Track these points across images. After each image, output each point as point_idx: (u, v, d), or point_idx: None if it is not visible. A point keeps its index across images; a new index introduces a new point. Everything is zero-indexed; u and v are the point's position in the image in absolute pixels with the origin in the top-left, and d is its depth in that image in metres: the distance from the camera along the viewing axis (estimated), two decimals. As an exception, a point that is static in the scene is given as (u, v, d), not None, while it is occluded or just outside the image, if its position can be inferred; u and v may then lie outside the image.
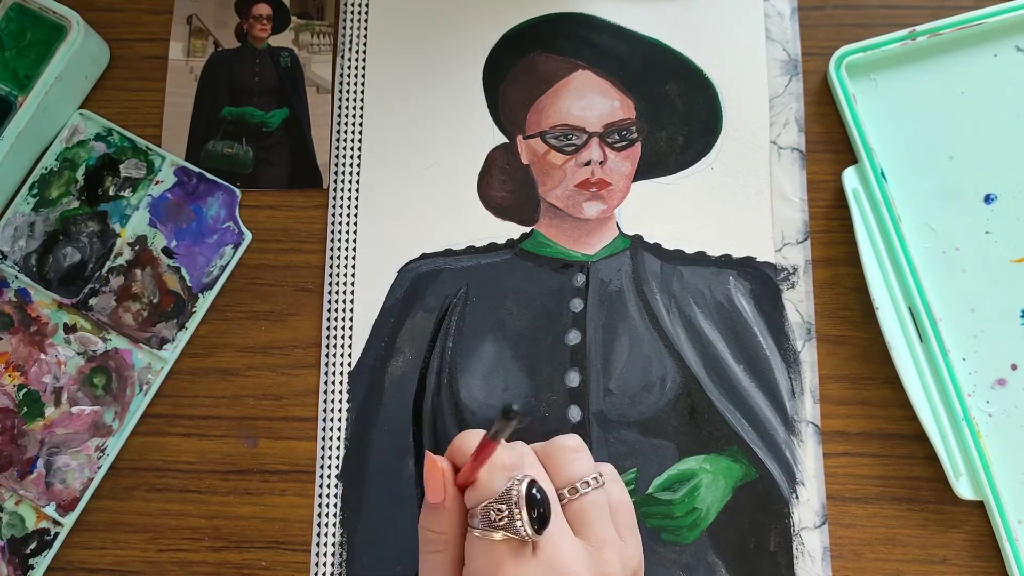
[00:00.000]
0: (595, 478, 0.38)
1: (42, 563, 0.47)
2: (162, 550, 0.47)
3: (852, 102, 0.49)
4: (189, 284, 0.49)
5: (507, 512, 0.34)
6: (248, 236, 0.50)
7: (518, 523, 0.34)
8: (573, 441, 0.39)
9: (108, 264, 0.50)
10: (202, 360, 0.49)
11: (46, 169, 0.51)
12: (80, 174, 0.51)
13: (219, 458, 0.48)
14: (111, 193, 0.51)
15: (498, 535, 0.34)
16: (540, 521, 0.34)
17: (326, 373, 0.49)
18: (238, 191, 0.50)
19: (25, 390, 0.49)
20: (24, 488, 0.47)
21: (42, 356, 0.49)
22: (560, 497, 0.37)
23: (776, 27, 0.52)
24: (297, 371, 0.49)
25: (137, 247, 0.50)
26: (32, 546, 0.47)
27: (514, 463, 0.37)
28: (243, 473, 0.48)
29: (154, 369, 0.49)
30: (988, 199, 0.49)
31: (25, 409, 0.48)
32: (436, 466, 0.37)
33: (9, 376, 0.49)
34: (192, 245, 0.50)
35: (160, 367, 0.49)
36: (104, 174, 0.51)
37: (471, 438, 0.37)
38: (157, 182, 0.51)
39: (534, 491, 0.35)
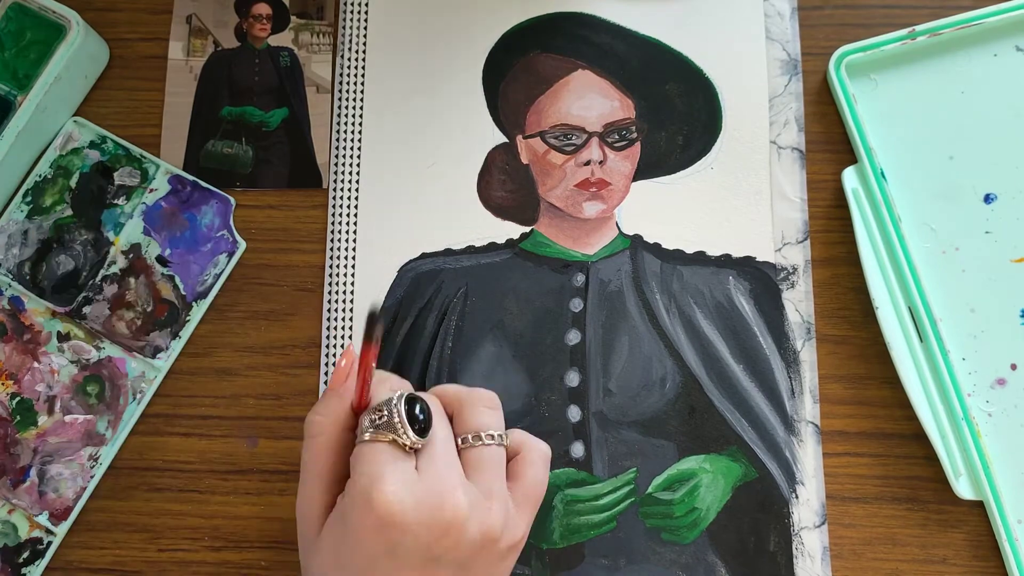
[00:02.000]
0: (500, 435, 0.39)
1: (35, 572, 0.47)
2: (162, 550, 0.47)
3: (852, 102, 0.49)
4: (183, 292, 0.49)
5: (386, 414, 0.36)
6: (243, 245, 0.50)
7: (396, 422, 0.35)
8: (489, 397, 0.40)
9: (102, 272, 0.50)
10: (201, 360, 0.49)
11: (40, 176, 0.51)
12: (74, 182, 0.51)
13: (219, 458, 0.48)
14: (105, 201, 0.50)
15: (381, 436, 0.35)
16: (420, 430, 0.36)
17: (326, 373, 0.49)
18: (232, 200, 0.50)
19: (18, 398, 0.49)
20: (17, 497, 0.47)
21: (35, 364, 0.49)
22: (462, 441, 0.38)
23: (776, 27, 0.52)
24: (297, 371, 0.49)
25: (131, 255, 0.50)
26: (25, 555, 0.47)
27: (402, 384, 0.39)
28: (243, 473, 0.48)
29: (148, 378, 0.49)
30: (988, 199, 0.49)
31: (18, 418, 0.48)
32: (350, 356, 0.39)
33: (2, 384, 0.49)
34: (186, 253, 0.50)
35: (154, 376, 0.49)
36: (98, 182, 0.51)
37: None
38: (151, 190, 0.51)
39: (416, 407, 0.36)
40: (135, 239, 0.50)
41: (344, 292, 0.49)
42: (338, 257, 0.50)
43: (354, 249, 0.50)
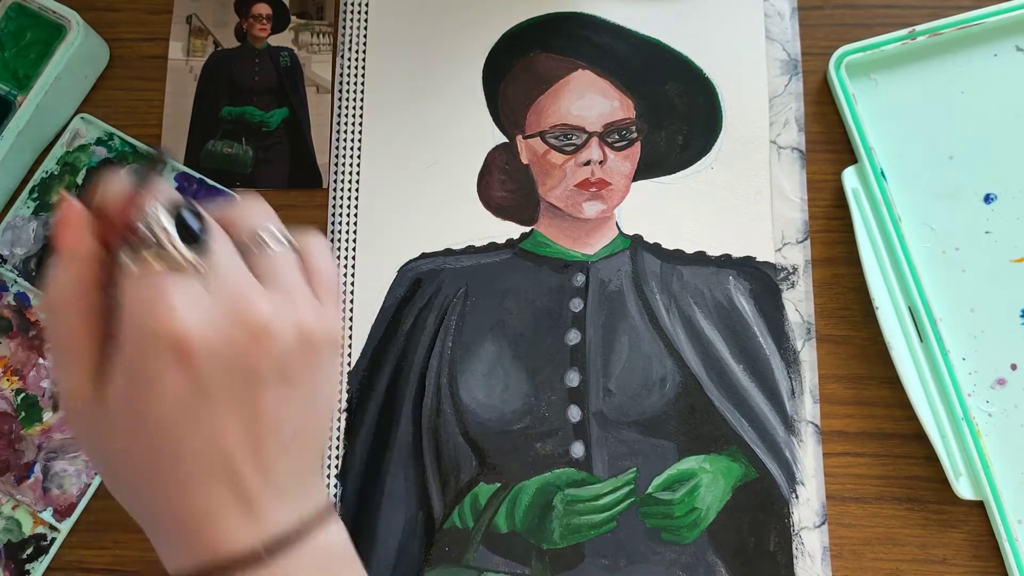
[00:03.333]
0: (284, 234, 0.33)
1: (39, 568, 0.47)
2: (162, 550, 0.47)
3: (852, 102, 0.49)
4: (188, 286, 0.49)
5: (149, 231, 0.29)
6: (248, 238, 0.50)
7: (163, 237, 0.28)
8: (257, 201, 0.34)
9: (108, 266, 0.50)
10: (202, 360, 0.49)
11: (47, 173, 0.51)
12: (80, 178, 0.51)
13: (219, 458, 0.48)
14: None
15: (150, 261, 0.28)
16: (191, 237, 0.29)
17: (326, 373, 0.48)
18: (239, 198, 0.50)
19: (23, 395, 0.49)
20: (21, 493, 0.47)
21: (40, 360, 0.49)
22: (243, 248, 0.32)
23: (776, 27, 0.52)
24: (297, 371, 0.49)
25: (137, 250, 0.50)
26: (29, 551, 0.47)
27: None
28: (243, 473, 0.48)
29: (153, 371, 0.49)
30: (988, 199, 0.49)
31: (23, 414, 0.48)
32: (72, 207, 0.30)
33: (7, 380, 0.49)
34: (191, 248, 0.50)
35: (159, 369, 0.49)
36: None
37: (118, 183, 0.31)
38: (157, 184, 0.51)
39: (185, 213, 0.29)
40: (139, 237, 0.50)
41: (344, 292, 0.49)
42: (338, 257, 0.50)
43: (354, 249, 0.50)
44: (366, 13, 0.53)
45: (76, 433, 0.32)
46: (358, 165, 0.51)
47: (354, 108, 0.52)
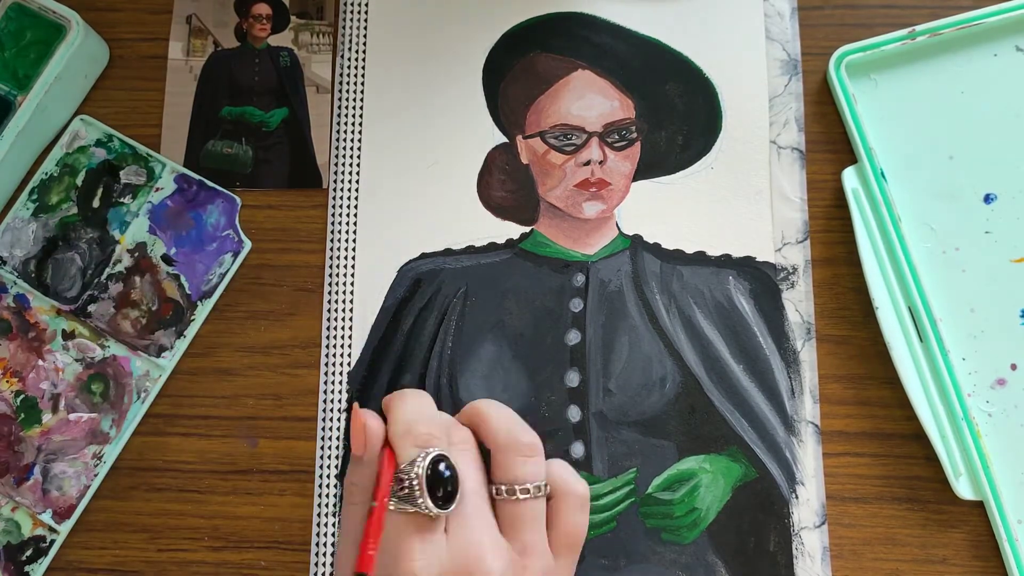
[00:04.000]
0: (539, 487, 0.37)
1: (38, 570, 0.47)
2: (162, 550, 0.47)
3: (852, 102, 0.49)
4: (188, 292, 0.49)
5: (407, 484, 0.35)
6: (248, 244, 0.50)
7: (418, 496, 0.34)
8: (530, 439, 0.39)
9: (107, 271, 0.50)
10: (202, 360, 0.49)
11: (46, 175, 0.51)
12: (80, 180, 0.51)
13: (219, 458, 0.48)
14: (111, 199, 0.50)
15: (407, 508, 0.34)
16: (445, 499, 0.34)
17: (326, 373, 0.49)
18: (238, 199, 0.50)
19: (23, 396, 0.49)
20: (20, 495, 0.47)
21: (40, 362, 0.49)
22: (496, 492, 0.37)
23: (776, 27, 0.52)
24: (297, 371, 0.49)
25: (136, 254, 0.50)
26: (28, 553, 0.47)
27: (426, 436, 0.37)
28: (243, 473, 0.48)
29: (152, 377, 0.49)
30: (988, 199, 0.49)
31: (22, 415, 0.48)
32: (358, 419, 0.38)
33: (7, 382, 0.49)
34: (191, 253, 0.50)
35: (158, 375, 0.49)
36: (104, 180, 0.51)
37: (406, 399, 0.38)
38: (157, 189, 0.51)
39: (441, 466, 0.35)
40: (141, 238, 0.50)
41: (344, 292, 0.49)
42: (338, 257, 0.50)
43: (354, 249, 0.50)
44: (366, 13, 0.53)
45: None
46: (358, 165, 0.51)
47: (354, 108, 0.52)
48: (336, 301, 0.49)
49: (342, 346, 0.49)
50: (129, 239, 0.50)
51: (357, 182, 0.51)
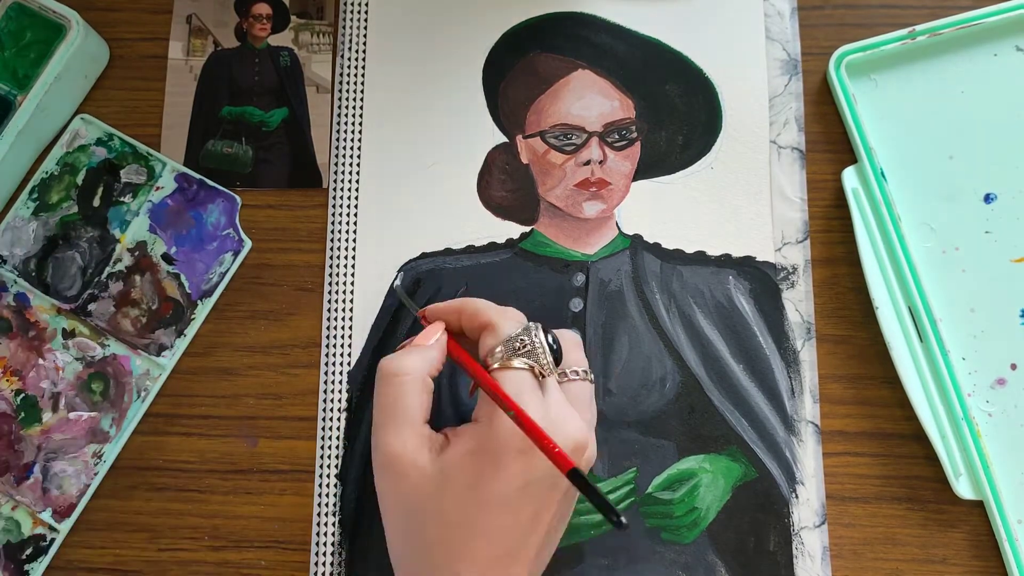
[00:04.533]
0: (586, 371, 0.41)
1: (38, 569, 0.47)
2: (162, 550, 0.47)
3: (852, 102, 0.49)
4: (188, 291, 0.49)
5: (529, 342, 0.38)
6: (248, 243, 0.50)
7: (539, 351, 0.38)
8: (575, 335, 0.43)
9: (107, 270, 0.50)
10: (202, 359, 0.49)
11: (46, 173, 0.51)
12: (80, 179, 0.51)
13: (219, 458, 0.48)
14: (111, 198, 0.50)
15: (518, 362, 0.37)
16: (555, 362, 0.39)
17: (326, 373, 0.49)
18: (238, 198, 0.50)
19: (23, 395, 0.49)
20: (21, 493, 0.47)
21: (40, 361, 0.49)
22: (560, 374, 0.40)
23: (776, 27, 0.52)
24: (297, 371, 0.49)
25: (137, 253, 0.50)
26: (28, 552, 0.47)
27: (522, 317, 0.41)
28: (243, 473, 0.48)
29: (152, 376, 0.49)
30: (988, 199, 0.49)
31: (23, 414, 0.48)
32: (440, 323, 0.41)
33: (7, 381, 0.49)
34: (192, 252, 0.50)
35: (158, 374, 0.49)
36: (104, 179, 0.51)
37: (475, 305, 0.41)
38: (158, 188, 0.51)
39: (548, 336, 0.39)
40: (141, 237, 0.50)
41: (344, 292, 0.49)
42: (338, 257, 0.50)
43: (354, 249, 0.50)
44: (366, 13, 0.53)
45: (394, 486, 0.38)
46: (358, 165, 0.51)
47: (354, 108, 0.52)
48: (336, 301, 0.49)
49: (342, 346, 0.49)
50: (129, 238, 0.50)
51: (357, 182, 0.51)
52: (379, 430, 0.38)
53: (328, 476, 0.47)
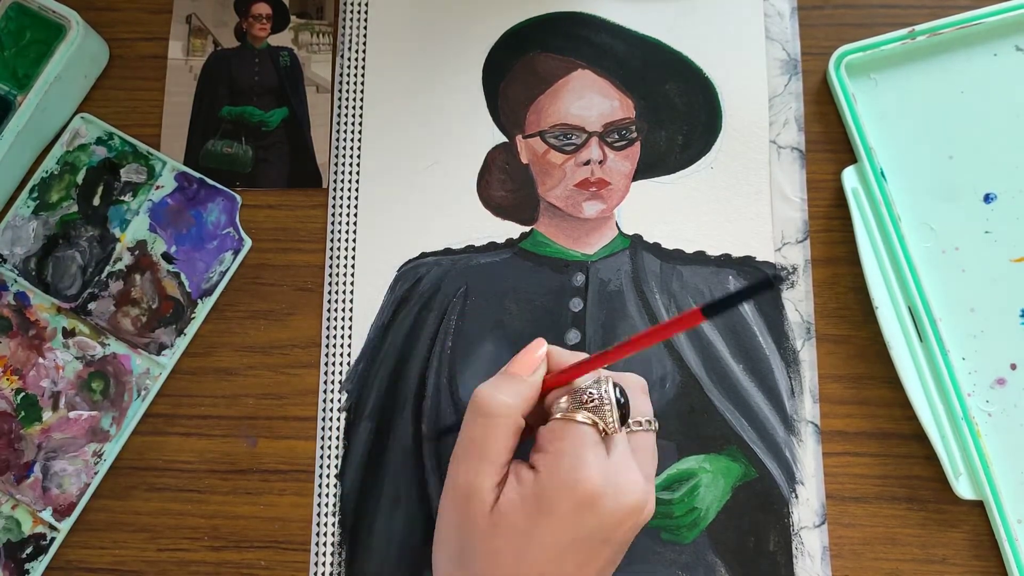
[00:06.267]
0: (650, 421, 0.40)
1: (38, 568, 0.47)
2: (162, 550, 0.47)
3: (852, 102, 0.49)
4: (188, 290, 0.49)
5: (597, 397, 0.37)
6: (248, 242, 0.50)
7: (606, 408, 0.37)
8: (642, 383, 0.42)
9: (107, 269, 0.50)
10: (202, 360, 0.49)
11: (47, 173, 0.51)
12: (80, 178, 0.51)
13: (219, 458, 0.48)
14: (111, 198, 0.50)
15: (582, 416, 0.37)
16: (621, 418, 0.38)
17: (326, 373, 0.49)
18: (239, 197, 0.50)
19: (23, 394, 0.49)
20: (21, 492, 0.47)
21: (40, 360, 0.49)
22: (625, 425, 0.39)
23: (776, 27, 0.52)
24: (297, 371, 0.49)
25: (137, 252, 0.50)
26: (28, 551, 0.47)
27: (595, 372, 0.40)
28: (243, 473, 0.48)
29: (152, 374, 0.49)
30: (988, 199, 0.49)
31: (23, 413, 0.48)
32: (543, 346, 0.40)
33: (7, 380, 0.49)
34: (192, 251, 0.50)
35: (158, 372, 0.49)
36: (105, 178, 0.51)
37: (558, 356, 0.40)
38: (158, 187, 0.51)
39: (618, 392, 0.38)
40: (141, 236, 0.50)
41: (344, 292, 0.49)
42: (338, 257, 0.50)
43: (354, 249, 0.50)
44: (366, 13, 0.53)
45: (457, 516, 0.38)
46: (358, 165, 0.51)
47: (354, 108, 0.52)
48: (336, 301, 0.49)
49: (342, 346, 0.49)
50: (129, 237, 0.50)
51: (357, 182, 0.51)
52: (461, 462, 0.38)
53: (328, 476, 0.47)
